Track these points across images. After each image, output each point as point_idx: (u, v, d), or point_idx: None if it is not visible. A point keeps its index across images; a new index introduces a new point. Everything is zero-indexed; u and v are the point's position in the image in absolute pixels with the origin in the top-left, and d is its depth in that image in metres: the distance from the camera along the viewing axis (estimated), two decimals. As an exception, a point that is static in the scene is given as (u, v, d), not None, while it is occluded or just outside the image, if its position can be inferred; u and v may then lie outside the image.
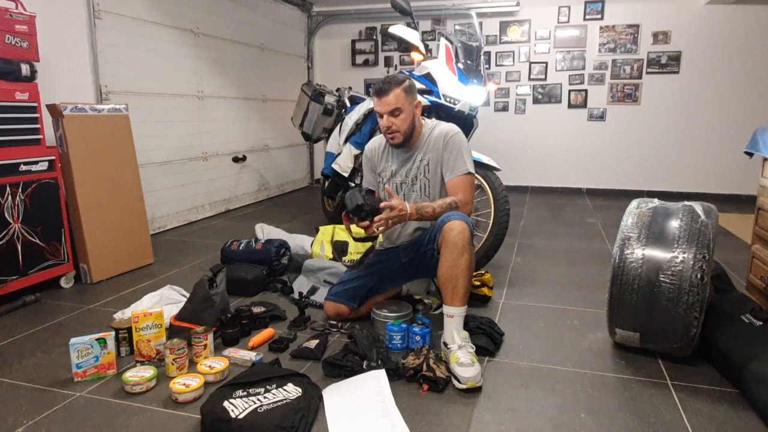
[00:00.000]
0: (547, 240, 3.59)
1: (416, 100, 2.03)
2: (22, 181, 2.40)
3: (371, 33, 5.96)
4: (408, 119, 2.00)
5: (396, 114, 1.98)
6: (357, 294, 2.14)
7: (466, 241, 1.81)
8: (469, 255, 1.82)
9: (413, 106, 2.01)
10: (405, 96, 1.97)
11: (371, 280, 2.15)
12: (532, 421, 1.50)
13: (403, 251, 2.13)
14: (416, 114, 2.03)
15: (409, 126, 2.02)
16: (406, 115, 1.99)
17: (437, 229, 1.90)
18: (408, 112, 1.99)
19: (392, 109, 1.97)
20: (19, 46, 2.38)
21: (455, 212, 1.92)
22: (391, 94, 1.96)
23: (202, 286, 2.03)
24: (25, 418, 1.51)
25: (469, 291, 1.86)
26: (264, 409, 1.44)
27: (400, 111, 1.98)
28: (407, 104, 1.98)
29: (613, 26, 5.22)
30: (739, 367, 1.62)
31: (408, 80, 2.02)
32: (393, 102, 1.96)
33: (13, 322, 2.22)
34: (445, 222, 1.85)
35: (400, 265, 2.15)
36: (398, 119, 1.99)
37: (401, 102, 1.97)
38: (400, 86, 1.97)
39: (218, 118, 4.49)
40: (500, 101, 5.64)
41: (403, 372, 1.70)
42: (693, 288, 1.64)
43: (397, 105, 1.97)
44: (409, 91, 2.00)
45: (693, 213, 1.78)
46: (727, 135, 5.04)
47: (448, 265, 1.81)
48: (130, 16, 3.48)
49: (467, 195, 1.99)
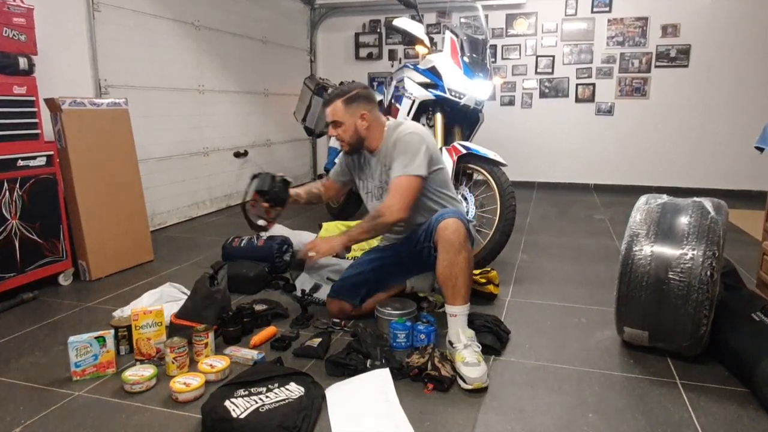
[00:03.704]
0: (554, 237, 3.56)
1: (362, 111, 1.99)
2: (19, 177, 2.37)
3: (375, 26, 5.92)
4: (349, 130, 2.01)
5: (337, 126, 2.02)
6: (358, 290, 2.13)
7: (462, 238, 1.80)
8: (467, 252, 1.81)
9: (356, 118, 2.00)
10: (344, 108, 1.99)
11: (372, 275, 2.14)
12: (539, 421, 1.48)
13: (402, 246, 2.11)
14: (360, 125, 2.00)
15: (352, 137, 2.02)
16: (346, 126, 2.01)
17: (432, 228, 1.88)
18: (348, 123, 2.00)
19: (332, 121, 2.02)
20: (17, 39, 2.35)
21: (449, 209, 1.92)
22: (331, 106, 2.01)
23: (202, 283, 2.01)
24: (23, 417, 1.50)
25: (471, 288, 1.85)
26: (266, 409, 1.42)
27: (339, 123, 2.01)
28: (347, 116, 1.99)
29: (622, 19, 5.16)
30: (749, 365, 1.60)
31: (353, 91, 2.00)
32: (331, 115, 2.01)
33: (11, 320, 2.20)
34: (439, 221, 1.83)
35: (400, 260, 2.13)
36: (340, 130, 2.02)
37: (339, 115, 2.00)
38: (340, 99, 1.99)
39: (219, 112, 4.47)
40: (506, 95, 5.60)
41: (408, 371, 1.68)
42: (702, 285, 1.62)
43: (335, 118, 2.01)
44: (350, 102, 1.99)
45: (702, 209, 1.76)
46: (738, 130, 4.98)
47: (446, 264, 1.80)
48: (130, 8, 3.45)
49: (394, 198, 1.88)
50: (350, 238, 1.94)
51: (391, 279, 2.20)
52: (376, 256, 2.19)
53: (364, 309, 2.16)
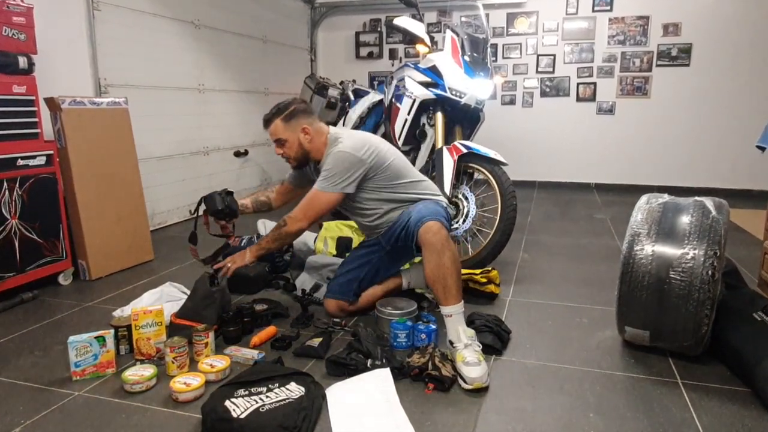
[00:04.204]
0: (555, 236, 3.56)
1: (302, 125, 2.01)
2: (19, 176, 2.37)
3: (376, 25, 5.91)
4: (294, 146, 2.04)
5: (280, 144, 2.05)
6: (350, 287, 2.15)
7: (443, 238, 1.82)
8: (451, 252, 1.82)
9: (298, 133, 2.02)
10: (284, 126, 2.02)
11: (361, 271, 2.16)
12: (540, 420, 1.47)
13: (383, 239, 2.13)
14: (303, 139, 2.02)
15: (297, 152, 2.05)
16: (290, 142, 2.03)
17: (412, 231, 1.89)
18: (292, 139, 2.03)
19: (275, 140, 2.06)
20: (17, 38, 2.35)
21: (425, 208, 1.92)
22: (271, 126, 2.04)
23: (202, 283, 2.01)
24: (22, 417, 1.49)
25: (462, 286, 1.85)
26: (266, 409, 1.42)
27: (282, 141, 2.04)
28: (288, 133, 2.02)
29: (623, 18, 5.15)
30: (750, 365, 1.60)
31: (290, 107, 2.02)
32: (273, 134, 2.05)
33: (11, 319, 2.20)
34: (419, 226, 1.85)
35: (385, 252, 2.16)
36: (285, 147, 2.05)
37: (280, 133, 2.02)
38: (279, 117, 2.02)
39: (219, 111, 4.46)
40: (507, 94, 5.59)
41: (408, 371, 1.67)
42: (704, 285, 1.62)
43: (278, 136, 2.04)
44: (289, 119, 2.01)
45: (704, 208, 1.75)
46: (739, 129, 4.97)
47: (432, 266, 1.82)
48: (130, 7, 3.44)
49: (299, 209, 1.98)
50: (260, 248, 2.03)
51: (382, 271, 2.21)
52: (364, 252, 2.21)
53: (362, 303, 2.18)
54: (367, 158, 1.95)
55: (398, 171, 2.05)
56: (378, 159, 1.98)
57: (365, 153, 1.95)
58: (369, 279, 2.18)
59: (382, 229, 2.11)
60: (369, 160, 1.95)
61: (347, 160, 1.93)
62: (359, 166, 1.94)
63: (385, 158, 2.01)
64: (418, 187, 2.09)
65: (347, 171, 1.93)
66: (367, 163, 1.95)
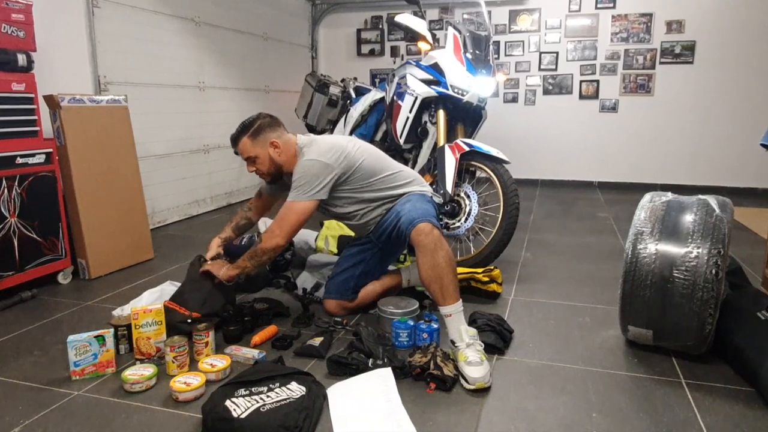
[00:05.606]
0: (558, 235, 3.54)
1: (271, 139, 2.00)
2: (18, 174, 2.36)
3: (377, 22, 5.89)
4: (265, 161, 2.02)
5: (251, 161, 2.04)
6: (347, 285, 2.16)
7: (436, 238, 1.81)
8: (444, 251, 1.81)
9: (267, 147, 2.01)
10: (251, 143, 2.00)
11: (356, 268, 2.16)
12: (542, 420, 1.46)
13: (374, 236, 2.13)
14: (273, 153, 2.01)
15: (270, 166, 2.03)
16: (261, 158, 2.02)
17: (404, 233, 1.88)
18: (262, 155, 2.01)
19: (245, 158, 2.04)
20: (16, 36, 2.34)
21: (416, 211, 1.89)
22: (240, 145, 2.02)
23: (193, 266, 2.03)
24: (22, 417, 1.49)
25: (458, 285, 1.84)
26: (267, 409, 1.41)
27: (253, 158, 2.03)
28: (257, 149, 2.01)
29: (626, 15, 5.13)
30: (754, 365, 1.59)
31: (255, 124, 2.01)
32: (242, 152, 2.03)
33: (10, 318, 2.19)
34: (410, 229, 1.84)
35: (378, 248, 2.16)
36: (257, 164, 2.04)
37: (249, 150, 2.01)
38: (245, 134, 2.01)
39: (220, 109, 4.45)
40: (510, 92, 5.57)
41: (410, 370, 1.66)
42: (707, 284, 1.61)
43: (248, 154, 2.02)
44: (256, 135, 2.00)
45: (707, 207, 1.74)
46: (743, 127, 4.94)
47: (427, 267, 1.81)
48: (130, 4, 3.43)
49: (275, 225, 1.94)
50: (237, 266, 1.99)
51: (376, 267, 2.21)
52: (357, 249, 2.21)
53: (362, 300, 2.18)
54: (335, 162, 1.93)
55: (372, 168, 2.02)
56: (348, 161, 1.95)
57: (332, 158, 1.93)
58: (365, 275, 2.18)
59: (371, 226, 2.10)
60: (337, 164, 1.93)
61: (314, 167, 1.91)
62: (328, 171, 1.92)
63: (356, 159, 1.98)
64: (398, 178, 2.07)
65: (317, 178, 1.91)
66: (335, 167, 1.92)
